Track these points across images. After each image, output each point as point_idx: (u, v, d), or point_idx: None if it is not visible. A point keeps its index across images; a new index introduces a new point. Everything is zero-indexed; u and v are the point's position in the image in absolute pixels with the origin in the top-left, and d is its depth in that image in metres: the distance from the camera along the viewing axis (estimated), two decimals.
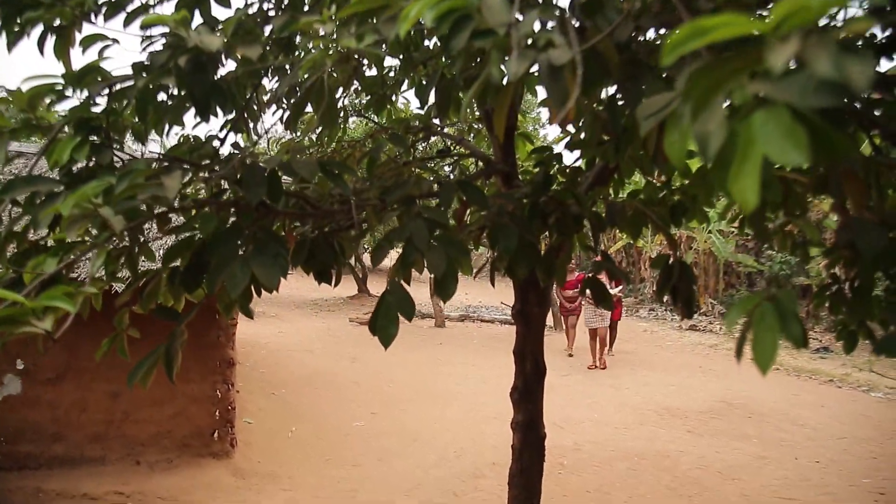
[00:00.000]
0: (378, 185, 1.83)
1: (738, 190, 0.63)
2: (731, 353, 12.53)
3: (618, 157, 2.33)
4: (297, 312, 15.98)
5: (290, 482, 5.57)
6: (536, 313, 2.67)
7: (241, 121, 2.02)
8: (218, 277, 1.42)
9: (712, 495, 5.60)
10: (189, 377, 5.67)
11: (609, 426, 7.48)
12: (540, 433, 2.78)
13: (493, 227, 1.80)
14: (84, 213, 1.21)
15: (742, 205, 0.63)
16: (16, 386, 5.33)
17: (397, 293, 1.56)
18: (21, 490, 5.00)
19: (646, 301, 19.75)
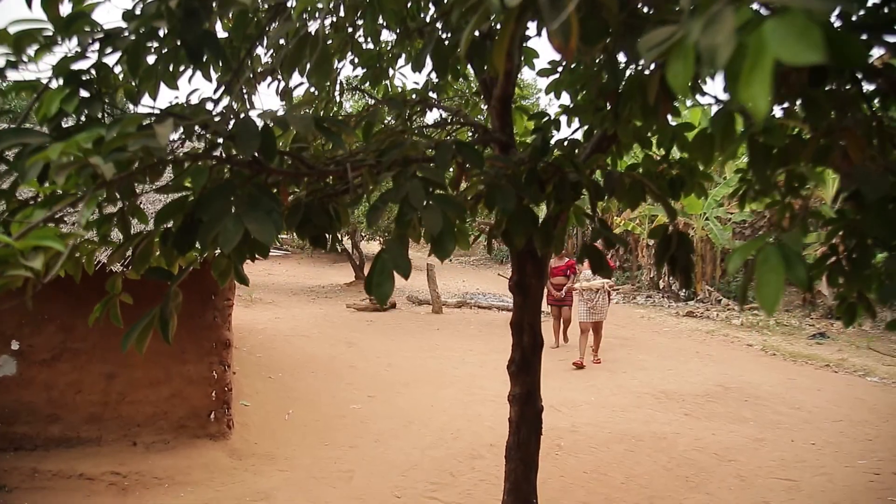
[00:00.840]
0: (374, 148, 1.80)
1: (749, 96, 0.61)
2: (729, 339, 12.64)
3: (616, 123, 2.31)
4: (294, 299, 15.96)
5: (287, 463, 5.57)
6: (534, 285, 2.64)
7: (234, 83, 1.98)
8: (210, 233, 1.39)
9: (709, 476, 5.62)
10: (185, 358, 5.65)
11: (606, 409, 7.48)
12: (537, 406, 2.77)
13: (491, 189, 1.77)
14: (73, 161, 1.18)
15: (753, 112, 0.61)
16: (11, 367, 5.31)
17: (393, 251, 1.54)
18: (17, 471, 4.99)
19: (643, 288, 19.76)
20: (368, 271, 1.56)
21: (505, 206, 1.74)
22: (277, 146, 1.48)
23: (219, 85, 1.99)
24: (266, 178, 1.60)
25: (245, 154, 1.34)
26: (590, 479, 5.46)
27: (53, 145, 1.11)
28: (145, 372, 5.57)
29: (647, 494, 5.21)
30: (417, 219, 1.63)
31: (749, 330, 14.05)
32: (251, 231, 1.37)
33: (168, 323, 1.54)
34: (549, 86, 2.83)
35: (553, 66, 2.81)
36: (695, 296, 17.74)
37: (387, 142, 1.91)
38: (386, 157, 1.73)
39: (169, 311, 1.54)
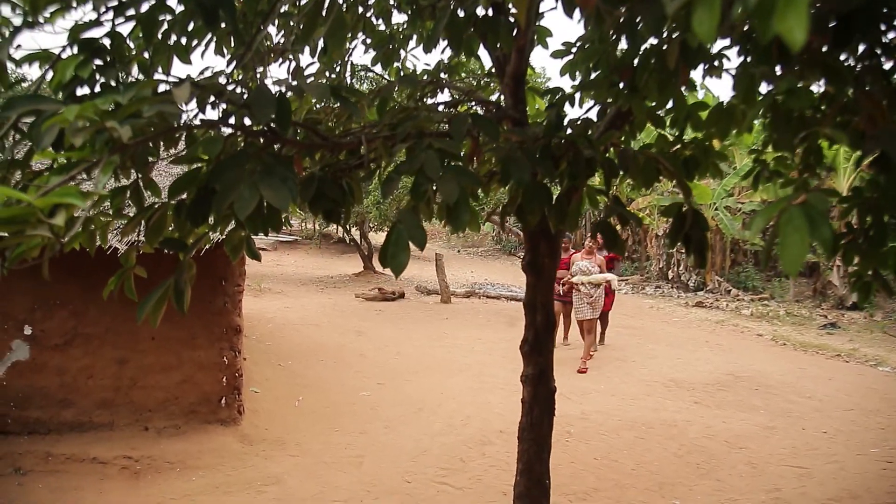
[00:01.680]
0: (388, 121, 1.79)
1: (785, 27, 0.59)
2: (738, 329, 12.60)
3: (631, 98, 2.28)
4: (303, 289, 15.98)
5: (298, 448, 5.59)
6: (547, 264, 2.63)
7: (247, 56, 1.97)
8: (226, 201, 1.38)
9: (719, 463, 5.60)
10: (196, 344, 5.67)
11: (615, 396, 7.47)
12: (550, 387, 2.76)
13: (506, 162, 1.75)
14: (89, 124, 1.18)
15: (790, 42, 0.59)
16: (24, 352, 5.34)
17: (409, 221, 1.52)
18: (31, 454, 5.02)
19: (652, 278, 19.70)
20: (383, 242, 1.55)
21: (521, 179, 1.73)
22: (291, 115, 1.47)
23: (231, 60, 1.98)
24: (280, 148, 1.59)
25: (261, 121, 1.33)
26: (600, 465, 5.45)
27: (69, 107, 1.10)
28: (156, 357, 5.60)
29: (657, 481, 5.21)
30: (433, 190, 1.62)
31: (759, 320, 13.99)
32: (266, 198, 1.37)
33: (183, 293, 1.54)
34: (564, 67, 2.81)
35: (567, 48, 2.78)
36: (704, 286, 17.67)
37: (400, 115, 1.90)
38: (401, 128, 1.72)
39: (183, 282, 1.54)
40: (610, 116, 2.66)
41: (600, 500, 4.84)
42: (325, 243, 26.08)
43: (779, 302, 15.94)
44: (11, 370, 5.31)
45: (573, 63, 2.79)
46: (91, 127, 1.15)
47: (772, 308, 15.09)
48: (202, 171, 1.67)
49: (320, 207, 1.87)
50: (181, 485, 4.86)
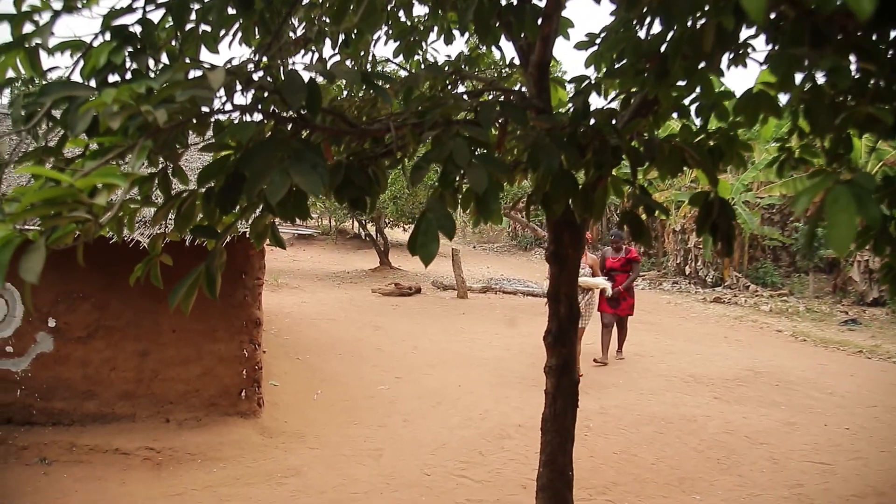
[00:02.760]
0: (415, 108, 1.78)
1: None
2: (757, 325, 12.49)
3: (658, 86, 2.26)
4: (319, 284, 16.06)
5: (317, 441, 5.62)
6: (571, 255, 2.61)
7: (275, 45, 1.97)
8: (256, 186, 1.38)
9: (740, 458, 5.56)
10: (216, 337, 5.71)
11: (634, 391, 7.43)
12: (574, 378, 2.74)
13: (535, 148, 1.74)
14: (125, 108, 1.18)
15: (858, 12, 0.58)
16: (48, 344, 5.41)
17: (438, 210, 1.52)
18: (56, 444, 5.09)
19: (669, 274, 19.57)
20: (412, 231, 1.54)
21: (550, 166, 1.71)
22: (321, 100, 1.47)
23: (258, 49, 1.98)
24: (309, 134, 1.59)
25: (293, 106, 1.33)
26: (619, 459, 5.43)
27: (107, 90, 1.10)
28: (177, 350, 5.64)
29: (677, 475, 5.17)
30: (461, 178, 1.61)
31: (778, 316, 13.85)
32: (297, 183, 1.36)
33: (214, 280, 1.54)
34: (588, 58, 2.79)
35: (591, 39, 2.76)
36: (722, 282, 17.52)
37: (427, 104, 1.89)
38: (429, 116, 1.71)
39: (215, 267, 1.54)
40: (635, 105, 2.63)
41: (620, 494, 4.81)
42: (340, 239, 26.18)
43: (798, 298, 15.78)
44: (36, 362, 5.38)
45: (597, 54, 2.77)
46: (127, 111, 1.15)
47: (791, 304, 14.94)
48: (230, 159, 1.68)
49: (347, 195, 1.87)
50: (202, 476, 4.90)
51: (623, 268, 8.86)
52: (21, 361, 5.37)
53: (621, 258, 8.90)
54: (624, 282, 8.81)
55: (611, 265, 8.90)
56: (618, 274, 8.80)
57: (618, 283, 8.72)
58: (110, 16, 1.39)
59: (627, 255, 8.96)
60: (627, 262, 8.89)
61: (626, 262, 8.89)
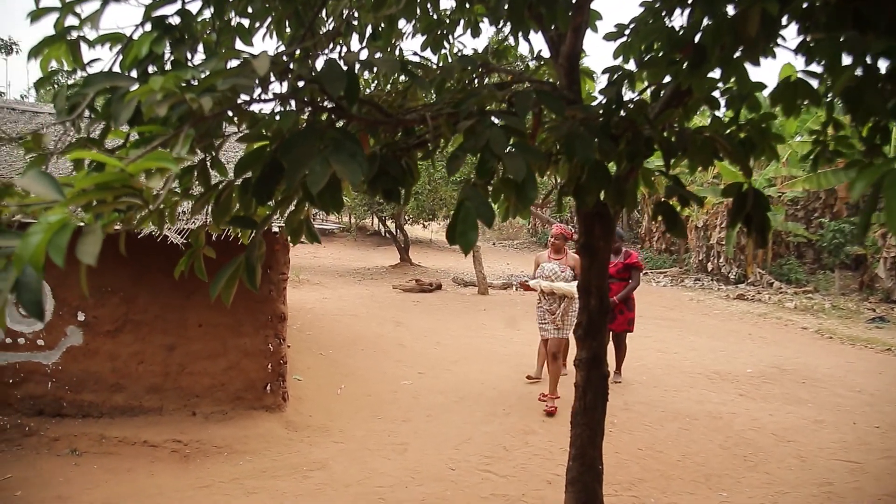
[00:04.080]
0: (450, 98, 1.78)
1: None
2: (782, 322, 12.35)
3: (692, 76, 2.23)
4: (340, 280, 16.13)
5: (342, 435, 5.64)
6: (602, 247, 2.60)
7: (308, 39, 1.98)
8: (297, 175, 1.39)
9: (767, 456, 5.49)
10: (242, 331, 5.76)
11: (658, 388, 7.38)
12: (604, 371, 2.73)
13: (570, 138, 1.73)
14: (168, 96, 1.19)
15: None
16: (77, 337, 5.49)
17: (476, 199, 1.51)
18: (86, 436, 5.17)
19: (691, 270, 19.40)
20: (451, 220, 1.54)
21: (586, 157, 1.70)
22: (360, 89, 1.47)
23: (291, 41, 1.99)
24: (346, 124, 1.59)
25: (333, 94, 1.33)
26: (644, 455, 5.39)
27: (154, 78, 1.11)
28: (204, 344, 5.70)
29: (703, 472, 5.13)
30: (499, 166, 1.61)
31: (803, 313, 13.68)
32: (338, 172, 1.37)
33: (254, 270, 1.55)
34: (617, 49, 2.77)
35: (620, 30, 2.74)
36: (745, 278, 17.34)
37: (461, 94, 1.88)
38: (464, 106, 1.70)
39: (255, 258, 1.55)
40: (666, 96, 2.61)
41: (646, 490, 4.78)
42: (360, 235, 26.28)
43: (823, 295, 15.56)
44: (66, 355, 5.46)
45: (626, 45, 2.75)
46: (171, 99, 1.16)
47: (816, 301, 14.74)
48: (267, 149, 1.69)
49: (381, 186, 1.87)
50: (229, 468, 4.94)
51: (620, 274, 7.26)
52: (52, 354, 5.46)
53: (619, 263, 7.26)
54: (620, 291, 7.19)
55: None
56: (614, 282, 7.12)
57: (614, 292, 7.05)
58: (152, 6, 1.40)
59: (627, 259, 7.31)
60: (626, 267, 7.28)
61: (625, 269, 7.28)
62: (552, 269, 6.70)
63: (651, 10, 2.67)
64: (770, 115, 2.69)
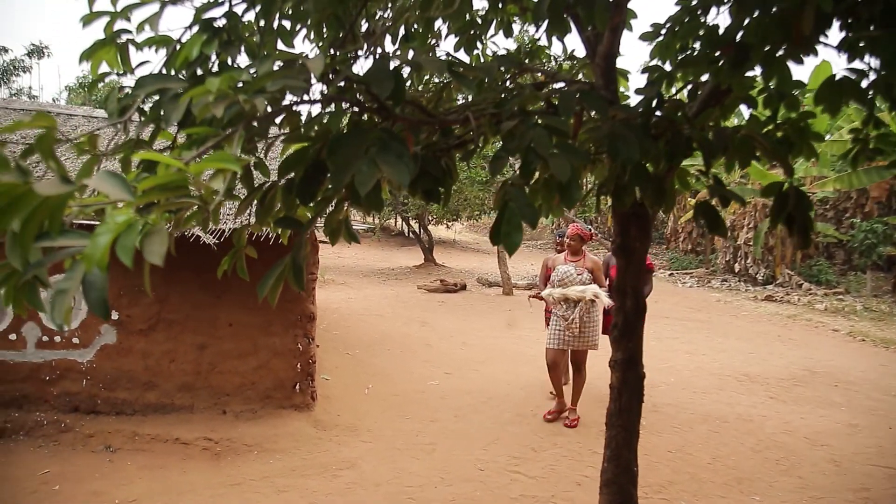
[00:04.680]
0: (492, 98, 1.78)
1: None
2: (812, 324, 12.16)
3: (733, 75, 2.21)
4: (365, 281, 16.20)
5: (370, 435, 5.66)
6: (638, 248, 2.58)
7: (348, 41, 1.99)
8: (344, 176, 1.40)
9: (800, 460, 5.41)
10: (271, 331, 5.81)
11: (686, 390, 7.31)
12: (639, 372, 2.71)
13: (613, 139, 1.72)
14: (221, 98, 1.20)
15: None
16: (111, 335, 5.57)
17: (520, 200, 1.51)
18: (120, 433, 5.25)
19: (718, 271, 19.17)
20: (495, 221, 1.54)
21: (629, 157, 1.69)
22: (406, 90, 1.48)
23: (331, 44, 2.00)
24: (392, 124, 1.60)
25: (381, 95, 1.34)
26: (674, 457, 5.34)
27: (211, 80, 1.13)
28: (234, 343, 5.76)
29: (734, 475, 5.07)
30: (542, 167, 1.60)
31: (834, 315, 13.45)
32: (386, 173, 1.37)
33: (301, 271, 1.56)
34: (654, 50, 2.75)
35: (656, 29, 2.72)
36: (773, 279, 17.10)
37: (499, 93, 1.88)
38: (507, 106, 1.70)
39: (301, 259, 1.56)
40: (704, 95, 2.58)
41: (677, 493, 4.73)
42: (384, 236, 26.38)
43: (855, 297, 15.29)
44: (100, 353, 5.55)
45: (662, 44, 2.73)
46: (227, 99, 1.18)
47: (847, 303, 14.49)
48: (310, 150, 1.70)
49: (421, 186, 1.88)
50: (259, 467, 4.99)
51: None
52: (86, 352, 5.55)
53: None
54: None
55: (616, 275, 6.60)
56: None
57: None
58: (202, 8, 1.42)
59: None
60: None
61: None
62: (567, 273, 6.12)
63: (687, 9, 2.65)
64: (809, 113, 2.65)
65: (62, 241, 0.95)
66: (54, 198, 0.83)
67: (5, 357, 5.42)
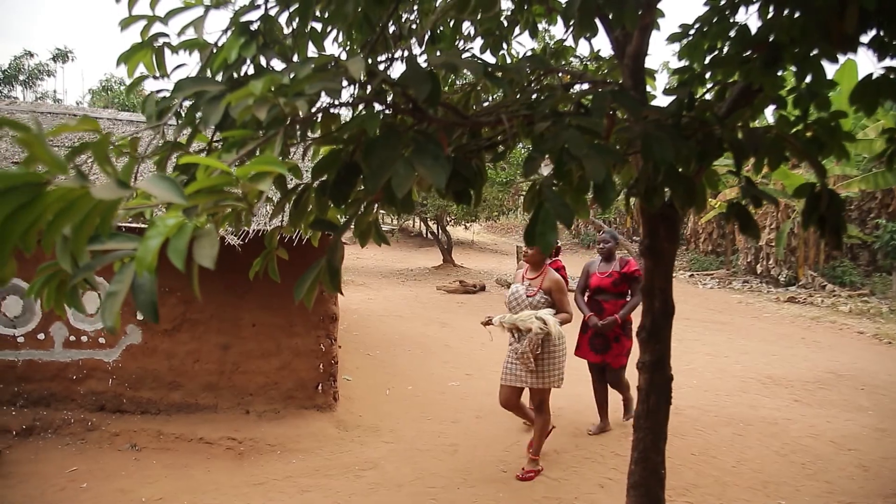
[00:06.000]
0: (523, 99, 1.77)
1: None
2: (836, 326, 12.00)
3: (765, 74, 2.19)
4: (384, 281, 16.25)
5: (392, 435, 5.68)
6: (667, 249, 2.56)
7: (379, 43, 2.00)
8: (381, 178, 1.40)
9: (826, 464, 5.34)
10: (294, 331, 5.85)
11: (709, 392, 7.25)
12: (667, 374, 2.69)
13: (647, 139, 1.71)
14: (261, 101, 1.21)
15: None
16: (137, 336, 5.64)
17: (555, 200, 1.50)
18: (145, 432, 5.31)
19: (739, 272, 18.98)
20: (529, 221, 1.54)
21: (663, 157, 1.68)
22: (441, 92, 1.48)
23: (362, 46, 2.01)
24: (427, 126, 1.60)
25: (419, 97, 1.34)
26: (698, 460, 5.29)
27: (253, 82, 1.14)
28: (257, 343, 5.80)
29: (760, 479, 5.01)
30: (577, 168, 1.59)
31: (859, 317, 13.26)
32: (422, 175, 1.38)
33: (337, 273, 1.57)
34: (682, 50, 2.74)
35: (684, 30, 2.70)
36: (796, 281, 16.89)
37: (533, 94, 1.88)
38: (539, 107, 1.70)
39: (337, 261, 1.57)
40: (734, 95, 2.56)
41: (701, 496, 4.69)
42: (403, 237, 26.44)
43: (880, 298, 15.06)
44: (126, 353, 5.62)
45: (691, 44, 2.71)
46: (268, 102, 1.19)
47: (873, 304, 14.27)
48: (341, 152, 1.71)
49: (453, 188, 1.88)
50: (282, 466, 5.02)
51: (616, 288, 5.57)
52: (112, 352, 5.62)
53: (614, 272, 5.60)
54: (617, 311, 5.50)
55: (598, 283, 5.63)
56: (608, 299, 5.58)
57: (607, 312, 5.52)
58: (240, 11, 1.43)
59: (624, 268, 5.62)
60: (623, 278, 5.58)
61: (622, 279, 5.58)
62: (515, 294, 5.08)
63: (716, 8, 2.63)
64: (840, 113, 2.62)
65: (111, 244, 0.96)
66: (108, 202, 0.84)
67: (34, 356, 5.51)
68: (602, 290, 5.63)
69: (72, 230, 0.87)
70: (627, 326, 5.57)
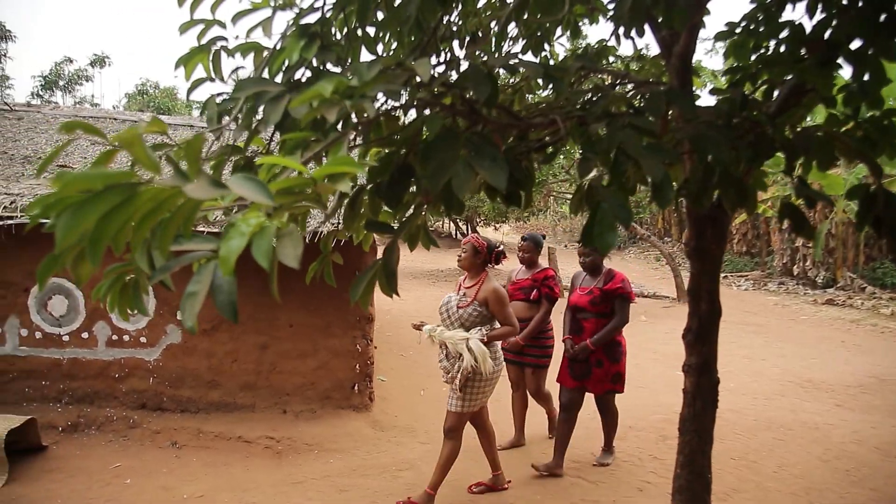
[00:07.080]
0: (576, 100, 1.77)
1: None
2: (878, 329, 11.73)
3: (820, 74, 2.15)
4: (415, 283, 16.30)
5: (427, 436, 5.69)
6: (714, 250, 2.53)
7: (430, 47, 2.01)
8: (440, 179, 1.41)
9: (871, 471, 5.21)
10: (331, 332, 5.90)
11: (747, 396, 7.14)
12: (714, 378, 2.66)
13: (700, 139, 1.69)
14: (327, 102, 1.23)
15: None
16: (176, 335, 5.74)
17: (613, 200, 1.50)
18: (185, 430, 5.40)
19: (774, 274, 18.65)
20: (587, 222, 1.53)
21: (718, 157, 1.67)
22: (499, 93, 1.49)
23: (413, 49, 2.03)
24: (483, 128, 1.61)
25: (480, 98, 1.35)
26: (738, 465, 5.21)
27: (322, 83, 1.15)
28: (294, 344, 5.86)
29: (802, 485, 4.92)
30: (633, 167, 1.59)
31: None
32: (483, 177, 1.38)
33: (394, 274, 1.58)
34: (728, 48, 2.71)
35: (731, 28, 2.67)
36: (834, 282, 16.55)
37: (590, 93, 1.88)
38: (593, 109, 1.69)
39: (393, 262, 1.58)
40: (783, 94, 2.52)
41: (742, 501, 4.63)
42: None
43: None
44: (166, 352, 5.73)
45: (737, 43, 2.68)
46: (335, 104, 1.20)
47: None
48: (395, 154, 1.72)
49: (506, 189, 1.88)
50: (320, 466, 5.07)
51: (597, 307, 4.89)
52: (153, 351, 5.73)
53: (594, 290, 4.91)
54: (598, 330, 4.84)
55: (576, 301, 5.02)
56: (588, 318, 4.92)
57: (588, 332, 4.88)
58: (301, 14, 1.45)
59: (609, 283, 4.90)
60: (605, 295, 4.87)
61: (604, 296, 4.87)
62: (448, 304, 4.54)
63: (763, 6, 2.60)
64: (893, 111, 2.57)
65: (191, 244, 0.98)
66: (193, 202, 0.86)
67: (78, 355, 5.64)
68: (580, 309, 4.96)
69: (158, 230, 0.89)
70: (613, 349, 4.91)
